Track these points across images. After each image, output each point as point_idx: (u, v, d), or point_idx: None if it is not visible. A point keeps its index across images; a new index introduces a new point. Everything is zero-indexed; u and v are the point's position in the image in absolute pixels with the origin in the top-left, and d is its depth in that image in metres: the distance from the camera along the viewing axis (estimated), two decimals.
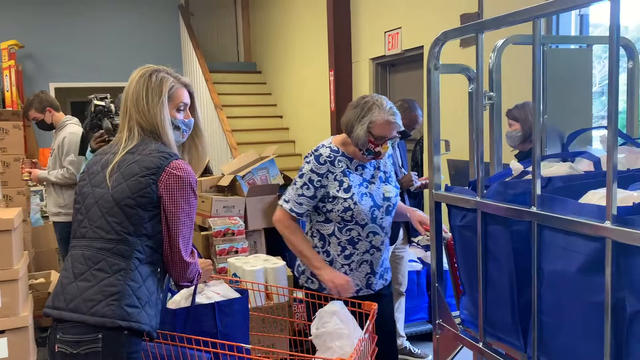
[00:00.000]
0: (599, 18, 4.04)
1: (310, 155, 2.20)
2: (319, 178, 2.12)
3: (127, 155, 1.68)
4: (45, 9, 7.81)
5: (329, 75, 5.98)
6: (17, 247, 2.82)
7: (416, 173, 3.49)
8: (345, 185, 2.12)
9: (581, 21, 3.90)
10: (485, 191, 1.34)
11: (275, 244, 5.05)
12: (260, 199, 4.77)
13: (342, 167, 2.17)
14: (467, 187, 1.50)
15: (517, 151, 2.96)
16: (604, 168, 1.36)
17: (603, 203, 1.07)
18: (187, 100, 1.82)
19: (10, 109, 6.85)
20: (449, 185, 1.57)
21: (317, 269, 2.12)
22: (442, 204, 1.52)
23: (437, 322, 1.51)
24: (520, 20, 1.17)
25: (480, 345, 1.38)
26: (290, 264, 4.56)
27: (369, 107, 2.07)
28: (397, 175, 2.68)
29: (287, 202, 2.22)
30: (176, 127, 1.78)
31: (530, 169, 1.39)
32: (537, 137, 1.16)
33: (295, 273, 2.43)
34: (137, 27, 8.10)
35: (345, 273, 2.17)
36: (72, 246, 1.67)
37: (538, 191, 1.15)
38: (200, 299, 2.02)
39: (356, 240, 2.17)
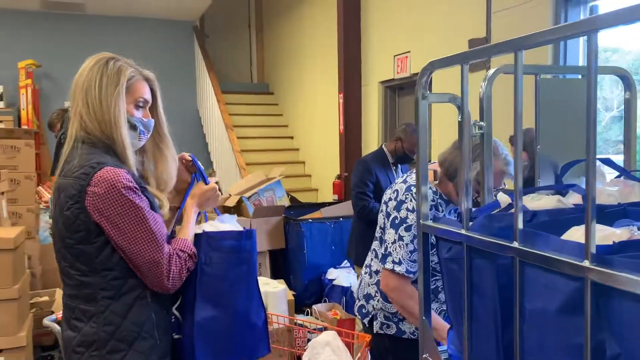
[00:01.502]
0: (607, 42, 4.00)
1: (411, 201, 1.88)
2: None
3: (60, 180, 1.46)
4: (62, 29, 7.98)
5: (339, 97, 6.00)
6: (17, 267, 2.83)
7: None
8: None
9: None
10: (471, 223, 1.31)
11: (280, 266, 5.03)
12: (265, 220, 4.78)
13: (442, 211, 1.90)
14: (455, 219, 1.47)
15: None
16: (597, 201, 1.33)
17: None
18: (148, 96, 1.58)
19: (25, 127, 6.97)
20: None
21: (444, 340, 1.73)
22: None
23: (424, 356, 1.47)
24: (502, 51, 1.15)
25: None
26: (293, 287, 4.53)
27: (480, 152, 1.74)
28: None
29: (398, 264, 1.85)
30: (132, 126, 1.51)
31: None
32: (519, 170, 1.14)
33: (358, 315, 2.13)
34: (152, 48, 8.22)
35: None
36: None
37: (520, 225, 1.12)
38: (197, 230, 1.70)
39: (440, 290, 1.94)
